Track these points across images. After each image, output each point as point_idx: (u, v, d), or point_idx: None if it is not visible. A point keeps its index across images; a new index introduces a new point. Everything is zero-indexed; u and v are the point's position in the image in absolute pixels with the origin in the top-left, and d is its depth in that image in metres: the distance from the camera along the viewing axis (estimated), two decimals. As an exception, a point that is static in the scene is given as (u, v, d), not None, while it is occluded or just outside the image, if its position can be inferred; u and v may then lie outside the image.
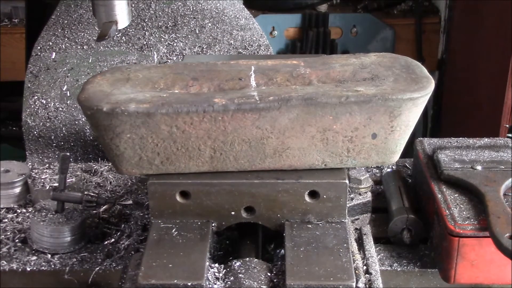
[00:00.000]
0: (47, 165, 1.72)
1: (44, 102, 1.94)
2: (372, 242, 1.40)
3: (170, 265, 1.16)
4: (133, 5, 1.96)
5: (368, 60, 1.36)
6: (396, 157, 1.28)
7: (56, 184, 1.49)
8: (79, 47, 1.97)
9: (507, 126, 2.65)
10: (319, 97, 1.19)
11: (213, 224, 1.27)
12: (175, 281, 1.12)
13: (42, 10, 2.37)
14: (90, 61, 1.97)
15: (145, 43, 1.99)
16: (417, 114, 1.25)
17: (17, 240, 1.44)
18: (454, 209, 1.33)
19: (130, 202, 1.54)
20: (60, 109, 1.94)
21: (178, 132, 1.19)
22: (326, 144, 1.23)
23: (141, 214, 1.44)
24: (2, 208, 1.56)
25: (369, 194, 1.44)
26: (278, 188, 1.24)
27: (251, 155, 1.23)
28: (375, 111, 1.21)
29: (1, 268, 1.36)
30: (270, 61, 1.35)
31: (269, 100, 1.18)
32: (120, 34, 1.97)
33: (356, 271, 1.24)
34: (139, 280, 1.13)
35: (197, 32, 2.01)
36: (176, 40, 2.00)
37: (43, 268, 1.36)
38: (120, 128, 1.18)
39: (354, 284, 1.13)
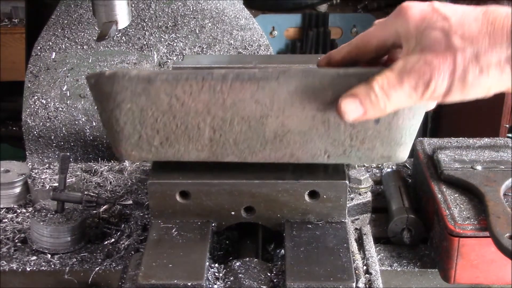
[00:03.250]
0: (47, 165, 1.72)
1: (44, 102, 1.94)
2: (372, 242, 1.40)
3: (170, 265, 1.16)
4: (133, 5, 1.96)
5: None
6: (402, 151, 1.22)
7: (56, 184, 1.49)
8: (79, 47, 1.97)
9: (507, 126, 2.64)
10: (317, 70, 1.19)
11: (213, 224, 1.27)
12: (175, 281, 1.12)
13: (42, 10, 2.37)
14: (90, 61, 1.97)
15: (145, 43, 1.99)
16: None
17: (17, 240, 1.44)
18: (454, 209, 1.33)
19: (130, 202, 1.54)
20: (60, 109, 1.95)
21: (178, 104, 1.19)
22: (328, 128, 1.21)
23: (141, 214, 1.44)
24: (2, 208, 1.56)
25: (369, 194, 1.44)
26: (278, 188, 1.24)
27: (251, 137, 1.22)
28: None
29: (1, 268, 1.36)
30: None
31: (268, 71, 1.18)
32: (120, 34, 1.97)
33: (356, 271, 1.24)
34: (139, 280, 1.13)
35: (197, 32, 2.01)
36: (176, 40, 2.00)
37: (43, 268, 1.36)
38: (121, 96, 1.18)
39: (354, 284, 1.13)
